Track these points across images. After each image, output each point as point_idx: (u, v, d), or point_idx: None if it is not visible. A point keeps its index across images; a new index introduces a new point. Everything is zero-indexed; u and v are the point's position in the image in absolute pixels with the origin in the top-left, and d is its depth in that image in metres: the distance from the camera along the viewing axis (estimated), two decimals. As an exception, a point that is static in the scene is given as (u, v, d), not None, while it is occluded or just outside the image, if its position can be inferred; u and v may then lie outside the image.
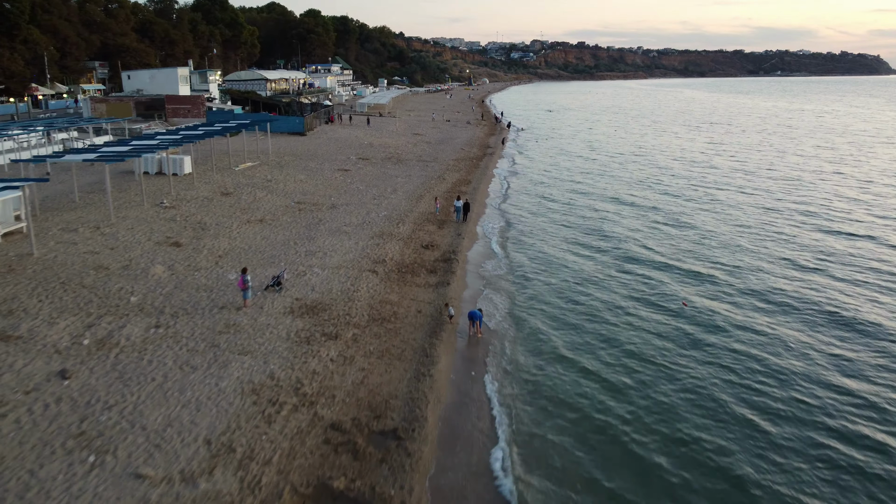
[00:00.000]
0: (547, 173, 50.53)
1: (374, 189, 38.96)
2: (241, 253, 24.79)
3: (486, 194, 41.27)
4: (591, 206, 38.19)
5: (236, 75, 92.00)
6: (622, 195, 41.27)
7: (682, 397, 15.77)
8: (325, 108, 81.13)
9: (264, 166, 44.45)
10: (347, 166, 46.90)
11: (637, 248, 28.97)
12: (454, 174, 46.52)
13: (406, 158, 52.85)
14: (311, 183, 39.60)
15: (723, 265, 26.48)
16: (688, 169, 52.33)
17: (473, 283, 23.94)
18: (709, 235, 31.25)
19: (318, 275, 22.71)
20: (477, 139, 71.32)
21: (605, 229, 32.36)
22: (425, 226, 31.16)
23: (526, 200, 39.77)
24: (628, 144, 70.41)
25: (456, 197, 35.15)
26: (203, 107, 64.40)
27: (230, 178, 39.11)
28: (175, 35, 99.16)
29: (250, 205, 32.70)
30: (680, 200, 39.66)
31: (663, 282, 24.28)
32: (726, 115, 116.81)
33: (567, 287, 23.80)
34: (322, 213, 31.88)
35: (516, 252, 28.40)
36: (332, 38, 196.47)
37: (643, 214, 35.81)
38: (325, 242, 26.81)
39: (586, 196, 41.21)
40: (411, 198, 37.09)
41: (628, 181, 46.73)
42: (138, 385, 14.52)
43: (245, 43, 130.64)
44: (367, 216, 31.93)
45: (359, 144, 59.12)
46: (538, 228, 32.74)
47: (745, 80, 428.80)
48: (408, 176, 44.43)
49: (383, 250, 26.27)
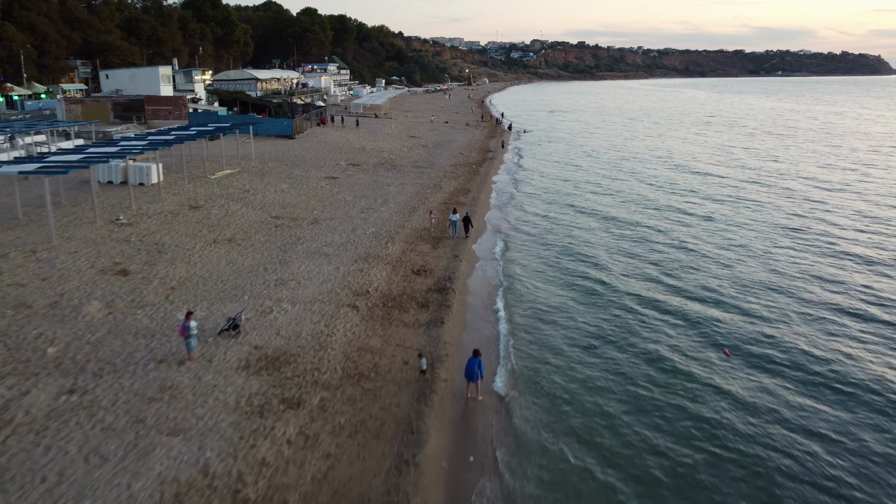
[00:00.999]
0: (552, 182, 46.82)
1: (363, 200, 35.24)
2: (199, 283, 21.06)
3: (486, 206, 37.54)
4: (603, 224, 34.47)
5: (225, 75, 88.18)
6: (635, 210, 37.56)
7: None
8: (317, 109, 77.37)
9: (244, 174, 40.72)
10: (336, 173, 43.18)
11: (662, 278, 25.26)
12: (452, 182, 42.81)
13: (400, 164, 49.13)
14: (294, 193, 35.87)
15: (763, 300, 22.79)
16: (704, 181, 48.60)
17: (473, 322, 20.20)
18: (742, 265, 27.55)
19: (287, 312, 18.99)
20: (476, 142, 67.62)
21: (621, 249, 28.65)
22: (418, 245, 27.46)
23: (531, 215, 36.04)
24: (637, 149, 66.69)
25: (452, 210, 31.46)
26: (185, 108, 60.56)
27: (203, 189, 35.38)
28: (163, 33, 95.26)
29: (220, 220, 28.96)
30: (704, 222, 35.96)
31: (699, 323, 20.57)
32: (734, 117, 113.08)
33: (582, 331, 20.07)
34: (301, 231, 28.16)
35: (522, 280, 24.68)
36: (329, 37, 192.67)
37: (661, 234, 32.10)
38: (301, 268, 23.10)
39: (597, 213, 37.49)
40: (403, 210, 33.38)
41: (641, 194, 43.01)
42: (19, 491, 10.78)
43: (238, 42, 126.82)
44: (353, 234, 28.22)
45: (350, 149, 55.41)
46: (546, 249, 29.01)
47: (746, 80, 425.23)
48: (401, 184, 40.73)
49: (367, 277, 22.56)
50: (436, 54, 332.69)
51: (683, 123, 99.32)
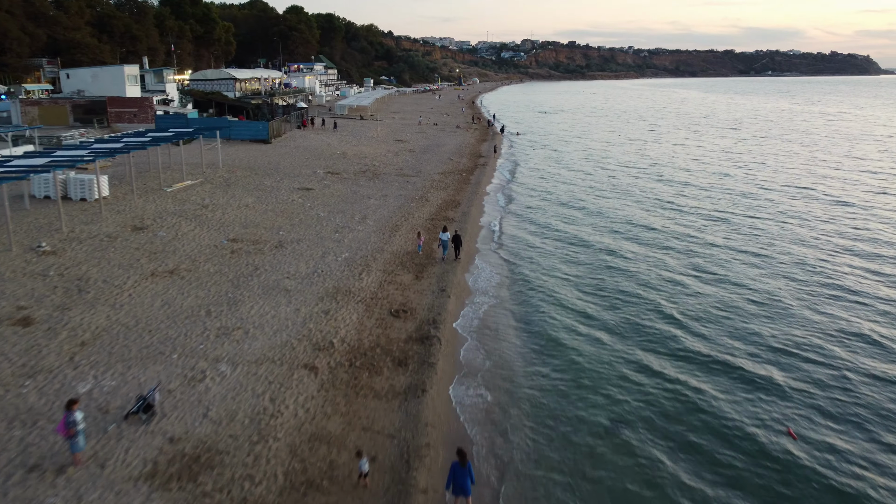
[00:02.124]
0: (549, 192, 42.79)
1: (339, 217, 31.02)
2: (119, 335, 16.81)
3: (478, 222, 33.42)
4: (608, 240, 30.45)
5: (202, 74, 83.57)
6: (641, 223, 33.58)
7: None
8: (298, 110, 72.95)
9: (207, 185, 36.36)
10: (311, 184, 38.91)
11: (697, 329, 21.27)
12: (440, 193, 38.67)
13: (384, 172, 44.92)
14: (259, 209, 31.58)
15: (823, 347, 18.84)
16: (711, 187, 44.77)
17: (461, 394, 15.98)
18: (761, 285, 23.62)
19: (224, 379, 14.80)
20: (467, 146, 63.51)
21: (633, 273, 24.65)
22: (398, 274, 23.31)
23: (528, 233, 31.97)
24: (634, 153, 62.82)
25: (442, 228, 27.37)
26: (151, 110, 55.98)
27: (155, 204, 31.01)
28: (137, 31, 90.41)
29: (166, 245, 24.65)
30: (717, 231, 32.05)
31: (744, 379, 16.59)
32: (730, 118, 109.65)
33: (607, 398, 16.02)
34: (262, 258, 23.93)
35: (525, 322, 20.59)
36: (315, 35, 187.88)
37: (677, 255, 28.15)
38: (253, 310, 18.89)
39: (600, 228, 33.47)
40: (384, 229, 29.20)
41: (645, 203, 39.06)
42: None
43: (219, 40, 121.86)
44: (322, 261, 24.03)
45: (330, 154, 51.10)
46: (548, 277, 24.93)
47: (737, 80, 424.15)
48: (383, 196, 36.54)
49: (334, 323, 18.39)
50: (426, 54, 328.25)
51: (680, 125, 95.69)
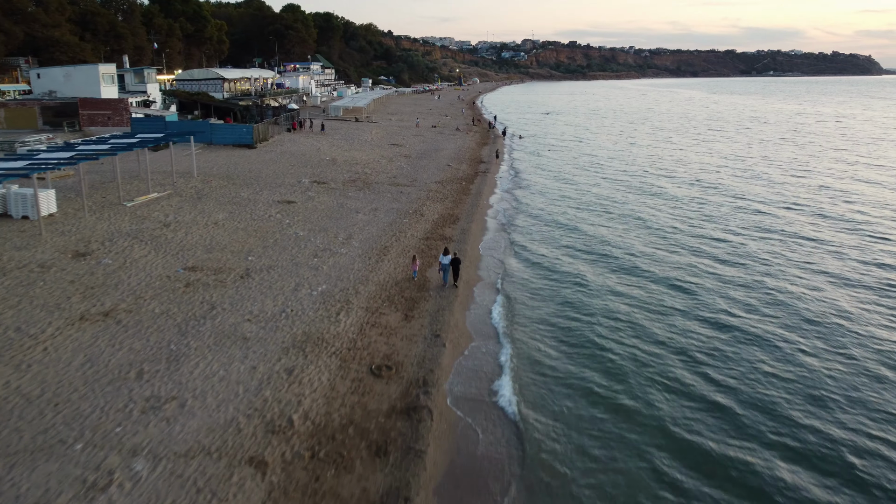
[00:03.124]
0: (556, 202, 38.97)
1: (320, 237, 27.17)
2: (13, 411, 12.96)
3: (479, 241, 29.55)
4: (626, 263, 26.60)
5: (189, 74, 79.74)
6: (662, 245, 29.75)
7: None
8: (289, 112, 69.11)
9: (175, 198, 32.48)
10: (294, 195, 35.06)
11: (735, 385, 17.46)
12: (436, 206, 34.82)
13: (376, 181, 41.07)
14: (230, 227, 27.72)
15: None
16: (738, 202, 40.93)
17: (464, 496, 12.15)
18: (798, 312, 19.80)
19: (137, 485, 10.95)
20: (467, 151, 59.68)
21: (659, 304, 20.81)
22: (384, 313, 19.48)
23: (536, 254, 28.11)
24: (643, 158, 59.01)
25: (443, 250, 23.58)
26: (126, 113, 52.07)
27: (108, 223, 27.14)
28: (123, 29, 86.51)
29: (108, 277, 20.79)
30: (747, 257, 28.24)
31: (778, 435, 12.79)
32: (738, 120, 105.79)
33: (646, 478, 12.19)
34: (222, 292, 20.09)
35: (536, 374, 16.75)
36: (313, 35, 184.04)
37: (709, 293, 24.33)
38: (197, 370, 15.06)
39: (613, 245, 29.61)
40: (371, 252, 25.37)
41: (665, 220, 35.26)
42: None
43: (210, 38, 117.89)
44: (294, 295, 20.19)
45: (319, 161, 47.22)
46: (560, 314, 21.09)
47: (739, 81, 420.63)
48: (373, 210, 32.69)
49: (297, 387, 14.57)
50: (426, 54, 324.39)
51: (687, 128, 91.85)
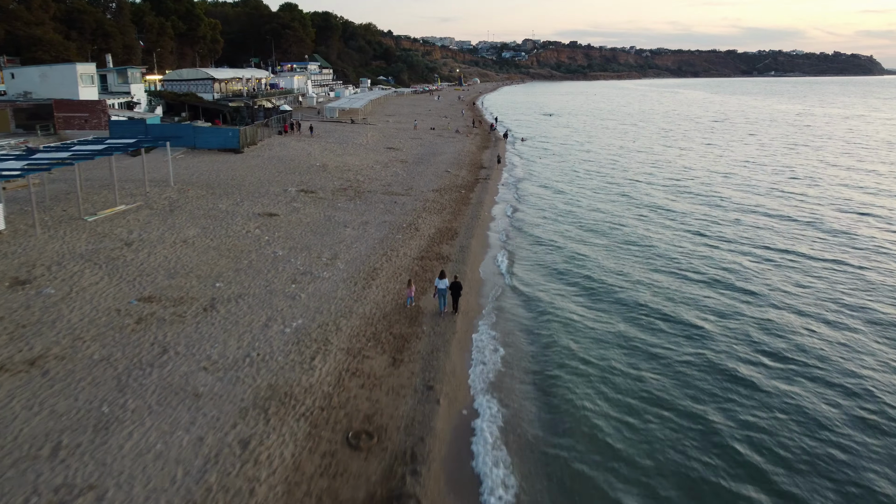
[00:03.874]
0: (564, 214, 36.00)
1: (301, 257, 24.18)
2: None
3: (479, 260, 26.55)
4: (645, 286, 23.63)
5: (177, 74, 76.80)
6: (679, 271, 26.77)
7: None
8: (281, 114, 66.14)
9: (144, 211, 29.47)
10: (277, 206, 32.07)
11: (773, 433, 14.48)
12: (433, 219, 31.82)
13: (368, 189, 38.09)
14: (201, 246, 24.73)
15: None
16: (756, 212, 37.99)
17: None
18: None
19: None
20: (467, 155, 56.69)
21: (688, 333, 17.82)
22: (368, 356, 16.51)
23: (544, 276, 25.12)
24: (654, 164, 56.07)
25: (439, 273, 20.68)
26: (104, 115, 49.07)
27: (63, 241, 24.14)
28: (111, 27, 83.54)
29: (45, 312, 17.79)
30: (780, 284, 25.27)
31: None
32: (745, 122, 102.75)
33: None
34: (178, 329, 17.11)
35: (549, 450, 13.76)
36: (310, 34, 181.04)
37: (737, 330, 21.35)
38: (129, 442, 12.07)
39: (630, 264, 26.63)
40: (357, 276, 22.38)
41: (686, 236, 32.29)
42: None
43: (204, 38, 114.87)
44: (263, 333, 17.22)
45: (308, 167, 44.21)
46: (576, 357, 18.11)
47: (741, 81, 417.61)
48: (363, 224, 29.70)
49: (252, 470, 11.57)
50: (426, 54, 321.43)
51: (694, 130, 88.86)
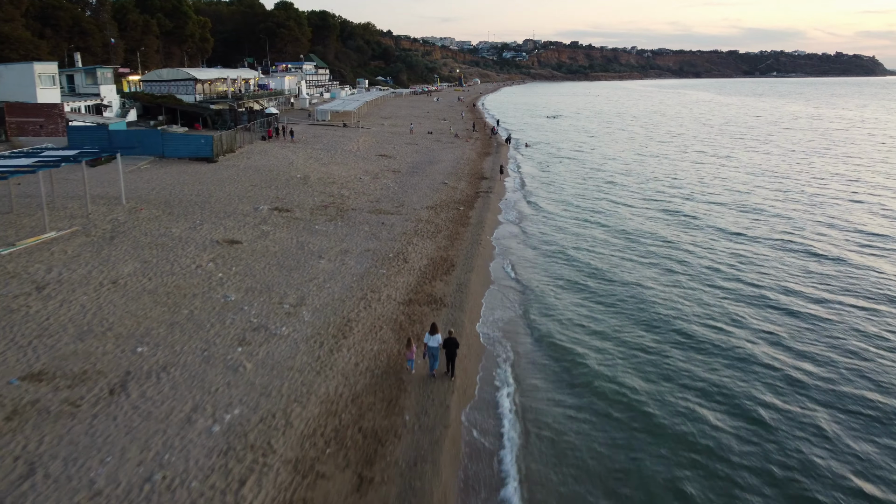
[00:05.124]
0: (577, 237, 31.19)
1: (259, 302, 19.33)
2: None
3: (479, 306, 21.70)
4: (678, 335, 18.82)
5: (157, 74, 72.02)
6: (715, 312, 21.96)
7: None
8: (267, 117, 61.32)
9: (79, 239, 24.60)
10: (242, 231, 27.22)
11: None
12: (426, 246, 26.96)
13: (353, 207, 33.24)
14: (133, 288, 19.86)
15: None
16: (789, 237, 33.23)
17: None
18: None
19: None
20: (467, 163, 51.86)
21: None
22: (323, 475, 11.68)
23: (558, 329, 20.32)
24: (669, 174, 51.28)
25: (430, 327, 16.03)
26: (62, 120, 44.36)
27: (-40, 284, 19.31)
28: (89, 24, 78.81)
29: None
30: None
31: None
32: (757, 125, 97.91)
33: None
34: (64, 428, 12.26)
35: None
36: (306, 33, 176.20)
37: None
38: None
39: (663, 304, 21.82)
40: (324, 333, 17.51)
41: (718, 272, 27.49)
42: None
43: (192, 36, 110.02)
44: (181, 437, 12.37)
45: (287, 179, 39.35)
46: (606, 458, 13.31)
47: (743, 81, 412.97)
48: (341, 254, 24.86)
49: None
50: (426, 54, 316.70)
51: (706, 134, 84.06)
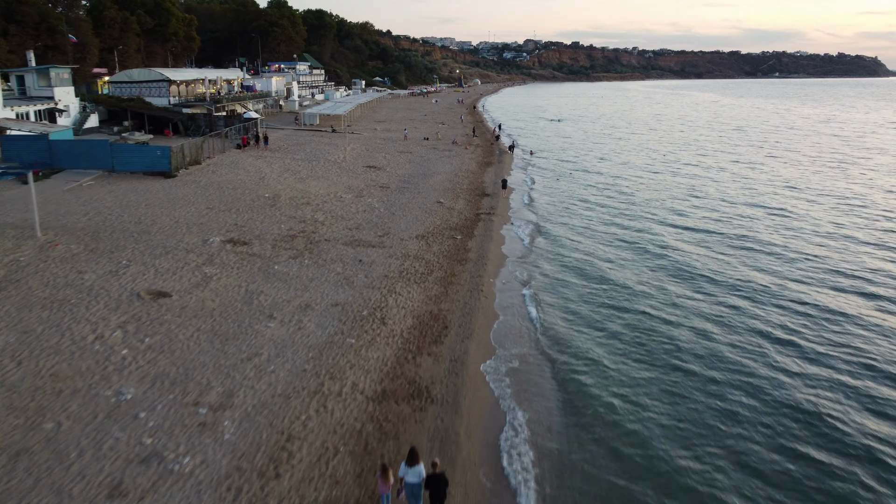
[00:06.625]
0: (605, 283, 25.31)
1: (165, 401, 13.39)
2: None
3: (481, 396, 15.78)
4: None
5: (126, 74, 66.34)
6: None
7: None
8: (244, 123, 55.45)
9: (-48, 294, 18.73)
10: (178, 276, 21.28)
11: None
12: (412, 294, 21.04)
13: (327, 237, 27.33)
14: (-12, 383, 13.97)
15: None
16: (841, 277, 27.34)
17: None
18: None
19: None
20: (466, 176, 45.93)
21: None
22: None
23: (586, 443, 14.44)
24: (692, 189, 45.46)
25: (407, 455, 10.28)
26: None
27: None
28: (58, 21, 73.14)
29: None
30: None
31: None
32: (771, 129, 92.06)
33: None
34: None
35: None
36: (301, 32, 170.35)
37: None
38: None
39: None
40: (249, 465, 11.61)
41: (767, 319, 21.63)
42: None
43: (175, 34, 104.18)
44: None
45: (253, 199, 33.38)
46: None
47: (746, 82, 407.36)
48: (300, 311, 18.95)
49: None
50: (426, 54, 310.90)
51: (720, 141, 78.25)
